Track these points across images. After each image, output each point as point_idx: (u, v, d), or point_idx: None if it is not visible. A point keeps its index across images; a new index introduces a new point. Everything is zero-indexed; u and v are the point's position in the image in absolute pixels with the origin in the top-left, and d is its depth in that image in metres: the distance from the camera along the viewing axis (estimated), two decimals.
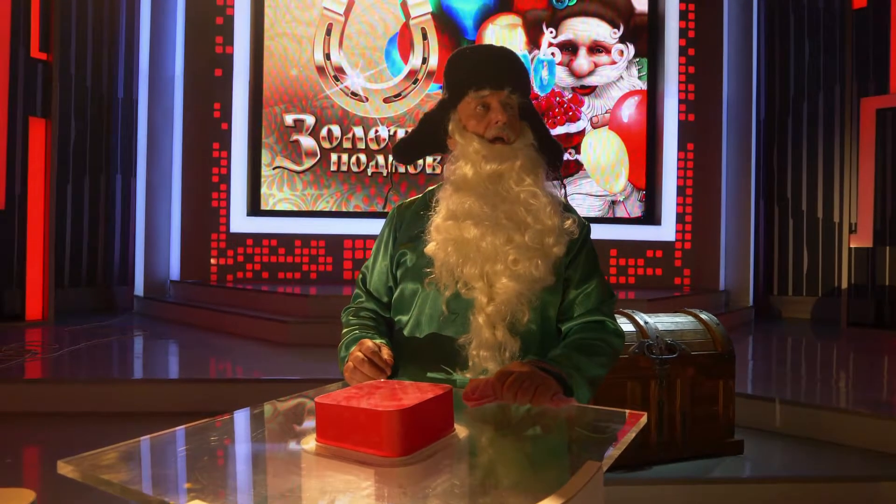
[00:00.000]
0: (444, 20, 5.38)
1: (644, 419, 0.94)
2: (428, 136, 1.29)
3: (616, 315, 2.24)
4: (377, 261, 1.34)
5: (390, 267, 1.30)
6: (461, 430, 0.89)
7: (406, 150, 1.33)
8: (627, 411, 0.98)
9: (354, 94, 5.31)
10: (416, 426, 0.79)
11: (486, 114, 1.21)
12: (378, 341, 1.17)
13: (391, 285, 1.31)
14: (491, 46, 1.28)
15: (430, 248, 1.19)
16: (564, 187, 5.45)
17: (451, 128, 1.24)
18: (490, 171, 1.18)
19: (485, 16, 5.41)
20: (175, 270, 5.24)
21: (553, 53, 5.47)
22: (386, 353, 1.13)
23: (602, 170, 5.55)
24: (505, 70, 1.21)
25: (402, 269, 1.27)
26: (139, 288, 5.17)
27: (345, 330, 1.30)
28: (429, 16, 5.35)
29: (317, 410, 0.84)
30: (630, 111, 5.56)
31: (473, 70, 1.22)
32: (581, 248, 1.27)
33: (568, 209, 1.29)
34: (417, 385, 0.92)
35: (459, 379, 1.18)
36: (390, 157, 5.32)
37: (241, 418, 1.01)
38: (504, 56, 1.24)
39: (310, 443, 0.84)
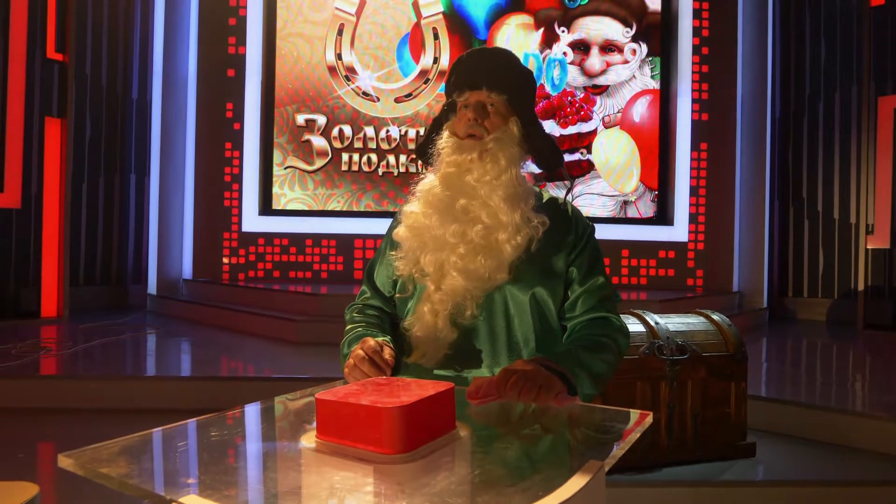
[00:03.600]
0: (456, 20, 5.37)
1: (650, 419, 0.92)
2: (438, 133, 1.33)
3: (626, 315, 2.25)
4: (384, 256, 1.35)
5: (392, 261, 1.30)
6: (463, 428, 0.89)
7: (423, 151, 1.36)
8: (633, 411, 0.97)
9: (366, 94, 5.32)
10: (417, 423, 0.79)
11: (465, 113, 1.25)
12: (380, 339, 1.17)
13: (397, 280, 1.31)
14: (480, 49, 1.30)
15: (397, 231, 1.26)
16: (571, 186, 5.43)
17: (446, 126, 1.29)
18: (453, 163, 1.23)
19: (496, 15, 5.40)
20: (187, 269, 5.29)
21: (565, 53, 5.45)
22: (388, 352, 1.13)
23: (613, 170, 5.51)
24: (483, 70, 1.24)
25: None
26: (152, 286, 5.22)
27: (348, 327, 1.30)
28: (440, 15, 5.35)
29: (317, 406, 0.83)
30: (641, 111, 5.52)
31: (458, 76, 1.27)
32: (584, 247, 1.27)
33: (550, 206, 1.29)
34: (419, 382, 0.92)
35: (469, 376, 1.18)
36: (402, 158, 5.33)
37: (246, 414, 1.01)
38: (486, 57, 1.27)
39: (310, 439, 0.84)
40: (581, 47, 5.47)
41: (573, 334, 1.24)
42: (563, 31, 5.44)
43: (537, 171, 1.35)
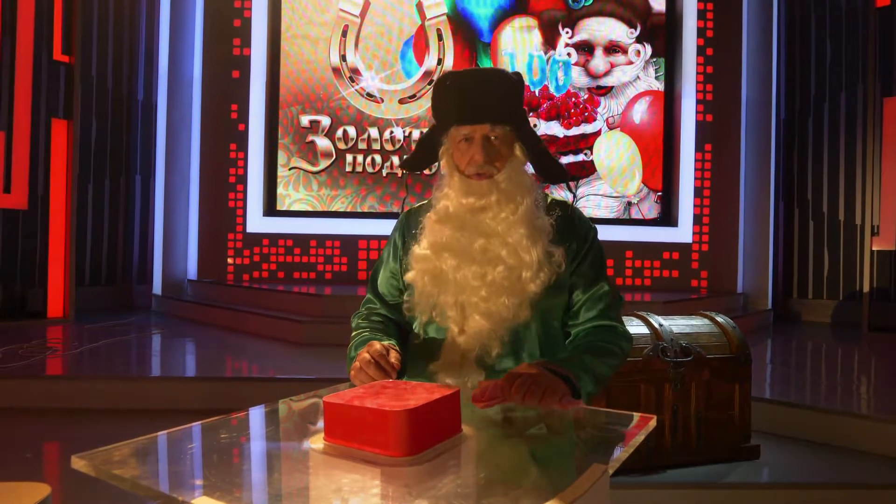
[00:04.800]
0: (460, 23, 5.38)
1: (653, 422, 0.93)
2: (429, 152, 1.30)
3: (630, 317, 2.25)
4: (386, 264, 1.35)
5: (399, 271, 1.30)
6: (469, 431, 0.89)
7: (413, 165, 1.34)
8: (637, 414, 0.97)
9: (370, 96, 5.34)
10: (423, 426, 0.80)
11: (468, 147, 1.20)
12: (387, 343, 1.18)
13: (401, 287, 1.31)
14: (473, 74, 1.21)
15: (409, 276, 1.22)
16: (573, 190, 5.44)
17: (442, 151, 1.26)
18: (467, 205, 1.19)
19: (500, 18, 5.41)
20: (192, 270, 5.31)
21: (569, 54, 5.45)
22: (394, 356, 1.13)
23: (615, 173, 5.50)
24: (483, 101, 1.17)
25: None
26: (157, 287, 5.25)
27: (354, 333, 1.30)
28: (444, 17, 5.36)
29: (325, 409, 0.84)
30: (641, 112, 5.51)
31: (454, 105, 1.19)
32: (587, 253, 1.26)
33: (554, 209, 1.26)
34: (425, 386, 0.93)
35: (471, 381, 1.18)
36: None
37: (254, 416, 1.02)
38: (482, 85, 1.18)
39: (318, 441, 0.85)
40: (585, 48, 5.47)
41: (576, 340, 1.24)
42: (567, 32, 5.45)
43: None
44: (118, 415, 2.71)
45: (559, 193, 5.31)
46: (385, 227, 5.17)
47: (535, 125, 5.42)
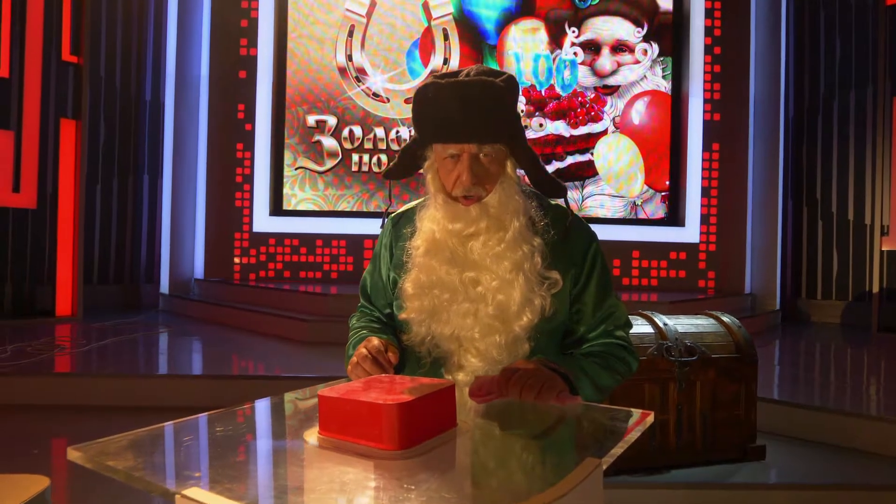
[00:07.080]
0: (466, 24, 5.37)
1: (650, 418, 0.92)
2: (413, 162, 1.22)
3: (634, 316, 2.24)
4: (374, 273, 1.32)
5: (388, 285, 1.27)
6: (464, 426, 0.89)
7: (396, 174, 1.25)
8: (635, 410, 0.97)
9: (376, 95, 5.35)
10: (417, 420, 0.79)
11: (454, 166, 1.11)
12: (384, 338, 1.17)
13: (391, 298, 1.27)
14: (459, 88, 1.08)
15: (403, 316, 1.17)
16: (571, 214, 5.42)
17: (427, 166, 1.18)
18: (454, 231, 1.12)
19: (506, 20, 5.40)
20: (199, 269, 5.34)
21: (575, 53, 5.43)
22: (391, 352, 1.12)
23: (615, 174, 5.47)
24: (473, 121, 1.07)
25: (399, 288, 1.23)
26: (164, 286, 5.28)
27: (352, 332, 1.29)
28: (450, 16, 5.36)
29: (320, 403, 0.84)
30: (640, 112, 5.48)
31: (438, 122, 1.10)
32: (590, 274, 1.19)
33: (551, 214, 1.18)
34: (421, 380, 0.92)
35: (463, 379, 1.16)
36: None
37: (253, 410, 1.02)
38: (472, 101, 1.06)
39: (312, 435, 0.85)
40: (592, 47, 5.45)
41: (582, 350, 1.21)
42: (573, 32, 5.43)
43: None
44: (125, 412, 2.73)
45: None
46: None
47: (541, 124, 5.41)
